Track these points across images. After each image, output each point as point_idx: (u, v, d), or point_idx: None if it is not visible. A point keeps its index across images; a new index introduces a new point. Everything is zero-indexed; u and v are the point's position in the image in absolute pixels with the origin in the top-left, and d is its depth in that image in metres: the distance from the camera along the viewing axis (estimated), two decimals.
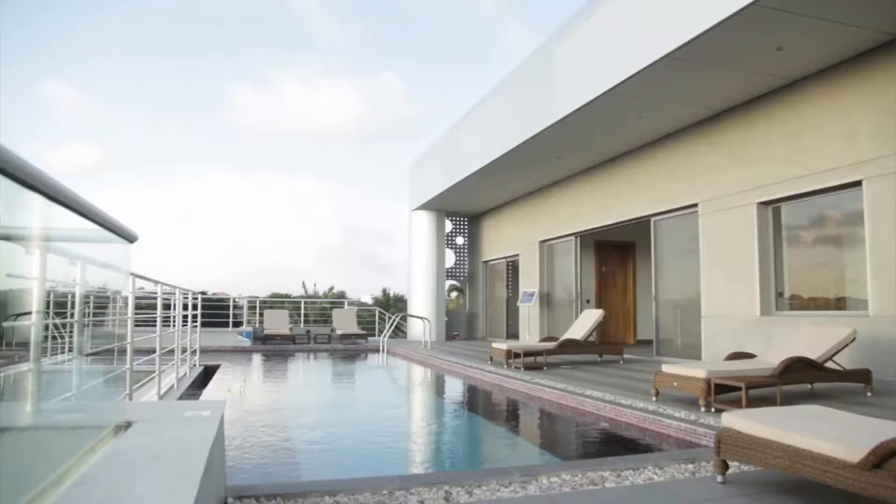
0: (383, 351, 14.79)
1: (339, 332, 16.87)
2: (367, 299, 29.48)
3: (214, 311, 18.05)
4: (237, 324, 18.47)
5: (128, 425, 2.83)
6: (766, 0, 6.17)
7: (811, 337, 6.55)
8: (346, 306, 20.61)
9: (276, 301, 23.29)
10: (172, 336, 7.47)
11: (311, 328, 18.35)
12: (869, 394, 6.25)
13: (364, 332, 17.18)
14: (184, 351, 8.14)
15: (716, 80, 8.24)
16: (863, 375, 6.27)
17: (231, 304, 19.16)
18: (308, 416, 7.19)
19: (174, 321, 7.53)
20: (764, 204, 8.80)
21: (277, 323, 17.07)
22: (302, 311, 19.81)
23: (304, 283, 30.55)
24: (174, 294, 7.69)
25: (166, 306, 7.30)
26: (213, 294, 21.59)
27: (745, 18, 6.54)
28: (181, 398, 6.90)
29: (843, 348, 6.29)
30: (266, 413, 7.29)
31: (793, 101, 8.28)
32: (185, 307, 8.25)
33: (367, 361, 13.81)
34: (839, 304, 7.97)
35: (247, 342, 16.04)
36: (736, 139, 9.19)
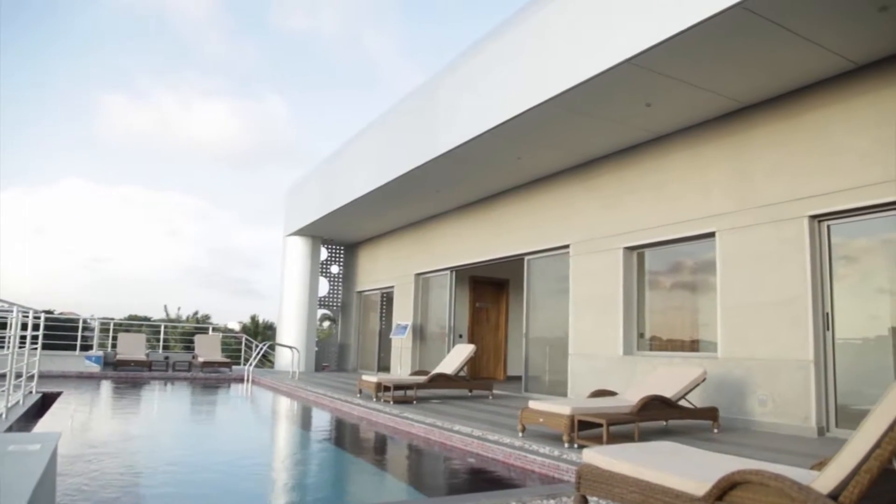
0: (248, 381, 14.12)
1: (200, 359, 15.93)
2: (235, 325, 28.26)
3: (61, 333, 16.52)
4: (87, 347, 16.98)
5: None
6: (636, 59, 6.56)
7: (667, 376, 6.90)
8: (210, 332, 19.59)
9: (134, 324, 21.76)
10: (5, 359, 6.68)
11: (170, 354, 17.24)
12: (716, 430, 6.64)
13: (228, 360, 16.35)
14: (18, 376, 7.31)
15: (591, 128, 8.65)
16: (711, 413, 6.67)
17: (81, 325, 17.61)
18: (155, 452, 6.64)
19: (9, 342, 6.74)
20: (630, 249, 9.27)
21: (132, 348, 15.86)
22: (161, 336, 18.60)
23: (166, 307, 28.81)
24: (11, 312, 6.91)
25: (2, 325, 6.54)
26: (61, 314, 19.83)
27: (618, 75, 6.92)
28: (10, 429, 6.15)
29: (694, 387, 6.67)
30: (107, 447, 6.65)
31: (660, 153, 8.84)
32: (25, 327, 7.43)
33: (230, 392, 13.09)
34: (693, 345, 8.47)
35: (96, 367, 14.75)
36: (608, 186, 9.67)
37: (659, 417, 6.33)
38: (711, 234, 7.97)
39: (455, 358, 10.66)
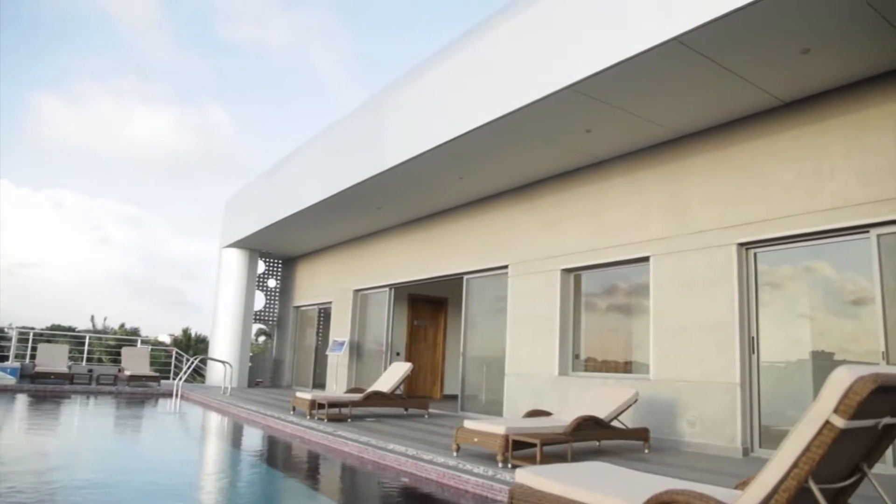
0: (177, 396, 13.64)
1: (127, 372, 15.29)
2: (165, 338, 27.34)
3: None
4: (2, 358, 16.10)
5: None
6: (578, 86, 6.72)
7: (600, 397, 7.01)
8: (138, 344, 18.88)
9: (57, 334, 20.79)
10: None
11: (94, 367, 16.50)
12: (646, 451, 6.78)
13: (157, 374, 15.75)
14: None
15: (532, 151, 8.79)
16: (642, 434, 6.81)
17: None
18: (70, 470, 6.32)
19: None
20: (567, 270, 9.43)
21: (53, 359, 15.10)
22: (86, 348, 17.81)
23: (93, 317, 27.64)
24: None
25: None
26: None
27: (561, 100, 7.07)
28: None
29: (627, 408, 6.80)
30: (18, 464, 6.30)
31: (599, 177, 9.04)
32: None
33: (157, 407, 12.61)
34: (627, 367, 8.65)
35: (10, 380, 13.97)
36: (547, 208, 9.83)
37: (592, 438, 6.41)
38: (646, 259, 8.19)
39: (392, 376, 10.57)
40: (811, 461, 2.27)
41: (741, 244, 7.19)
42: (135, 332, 26.65)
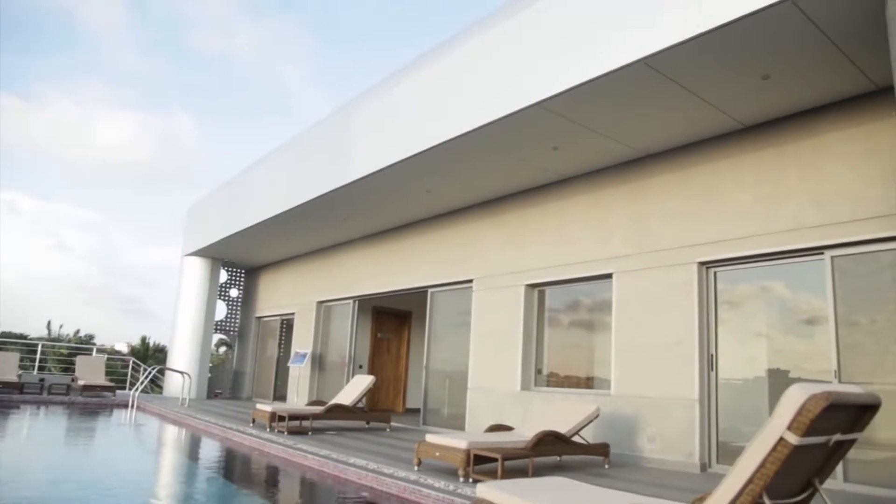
0: (132, 406, 13.31)
1: (81, 382, 14.88)
2: (123, 347, 26.69)
3: None
4: None
5: None
6: (546, 103, 6.81)
7: (562, 412, 7.05)
8: (94, 353, 18.40)
9: (7, 342, 20.15)
10: None
11: (46, 376, 16.03)
12: (607, 466, 6.83)
13: (112, 384, 15.36)
14: None
15: (499, 167, 8.86)
16: (602, 449, 6.86)
17: None
18: (15, 484, 6.11)
19: None
20: (531, 286, 9.49)
21: (2, 367, 14.62)
22: (38, 356, 17.29)
23: (49, 323, 26.83)
24: None
25: None
26: None
27: (528, 117, 7.15)
28: None
29: (588, 423, 6.86)
30: None
31: (564, 195, 9.15)
32: None
33: (111, 418, 12.28)
34: (589, 382, 8.72)
35: None
36: (512, 223, 9.90)
37: (553, 453, 6.44)
38: (609, 276, 8.29)
39: (354, 389, 10.48)
40: (765, 477, 2.31)
41: (701, 263, 7.33)
42: (90, 340, 25.96)
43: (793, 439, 2.28)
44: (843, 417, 2.57)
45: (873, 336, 6.10)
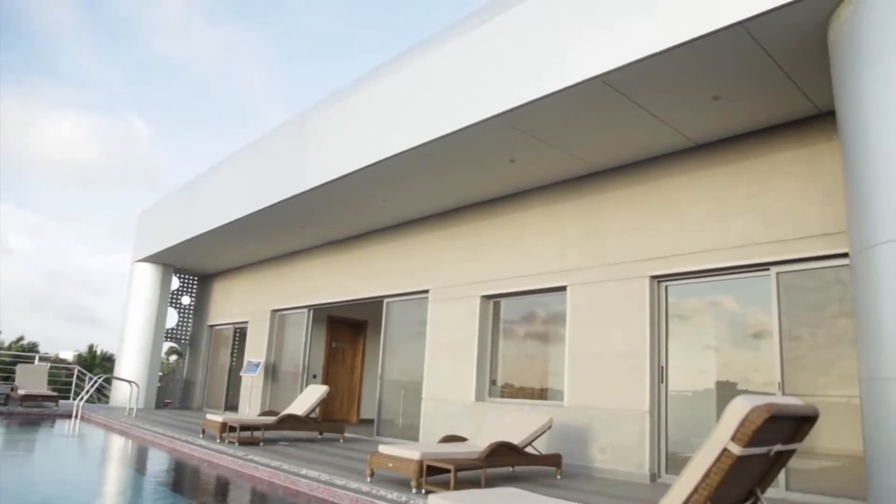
0: (76, 417, 12.89)
1: (21, 391, 14.32)
2: (68, 355, 25.87)
3: None
4: None
5: None
6: (503, 116, 6.88)
7: (515, 423, 7.09)
8: (36, 362, 17.76)
9: None
10: None
11: None
12: (559, 476, 6.89)
13: (55, 393, 14.85)
14: None
15: (455, 178, 8.90)
16: (555, 460, 6.92)
17: None
18: None
19: None
20: (487, 297, 9.54)
21: None
22: None
23: None
24: None
25: None
26: None
27: (485, 129, 7.21)
28: None
29: (541, 434, 6.91)
30: None
31: (520, 207, 9.24)
32: None
33: (53, 429, 11.86)
34: (542, 393, 8.79)
35: None
36: (469, 235, 9.95)
37: (506, 463, 6.47)
38: (563, 288, 8.39)
39: (307, 399, 10.36)
40: (710, 487, 2.37)
41: (653, 277, 7.48)
42: (33, 348, 25.08)
43: (736, 450, 2.35)
44: (785, 428, 2.65)
45: (815, 350, 6.32)
